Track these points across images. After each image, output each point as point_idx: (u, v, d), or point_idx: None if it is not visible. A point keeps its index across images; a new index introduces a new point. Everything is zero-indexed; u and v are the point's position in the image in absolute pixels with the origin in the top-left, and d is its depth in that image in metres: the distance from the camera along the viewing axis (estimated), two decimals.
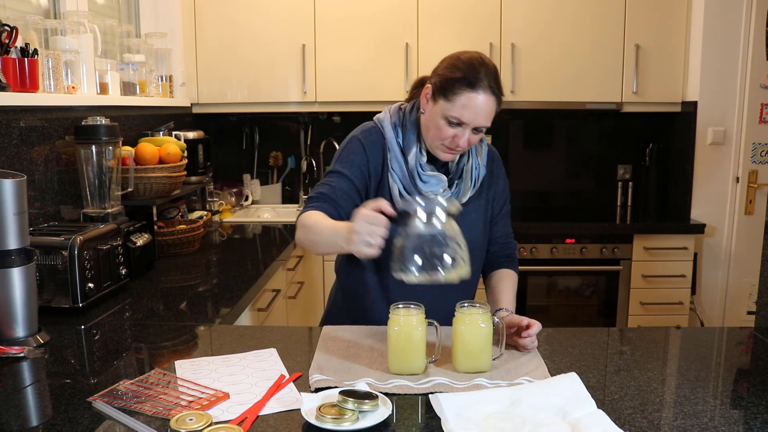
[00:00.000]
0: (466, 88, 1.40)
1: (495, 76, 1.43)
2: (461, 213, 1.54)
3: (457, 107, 1.41)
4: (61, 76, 2.07)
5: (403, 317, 1.24)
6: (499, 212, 1.66)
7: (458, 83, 1.41)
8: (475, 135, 1.46)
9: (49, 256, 1.69)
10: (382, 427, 1.03)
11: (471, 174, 1.55)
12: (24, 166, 1.91)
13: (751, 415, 1.09)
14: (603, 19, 3.29)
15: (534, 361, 1.30)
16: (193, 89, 3.37)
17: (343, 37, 3.31)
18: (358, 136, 1.57)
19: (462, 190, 1.55)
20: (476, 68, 1.41)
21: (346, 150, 1.56)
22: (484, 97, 1.40)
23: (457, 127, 1.43)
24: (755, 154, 3.22)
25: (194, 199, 3.12)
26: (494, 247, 1.67)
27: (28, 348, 1.39)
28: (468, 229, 1.55)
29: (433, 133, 1.47)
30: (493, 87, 1.42)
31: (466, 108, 1.41)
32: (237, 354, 1.36)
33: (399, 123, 1.55)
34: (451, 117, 1.42)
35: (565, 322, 3.30)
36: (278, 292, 2.47)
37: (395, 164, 1.52)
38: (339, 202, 1.49)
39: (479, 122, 1.43)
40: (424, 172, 1.51)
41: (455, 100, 1.41)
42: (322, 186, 1.52)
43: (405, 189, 1.52)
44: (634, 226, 3.26)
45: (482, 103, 1.41)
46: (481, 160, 1.58)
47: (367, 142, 1.54)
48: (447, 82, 1.43)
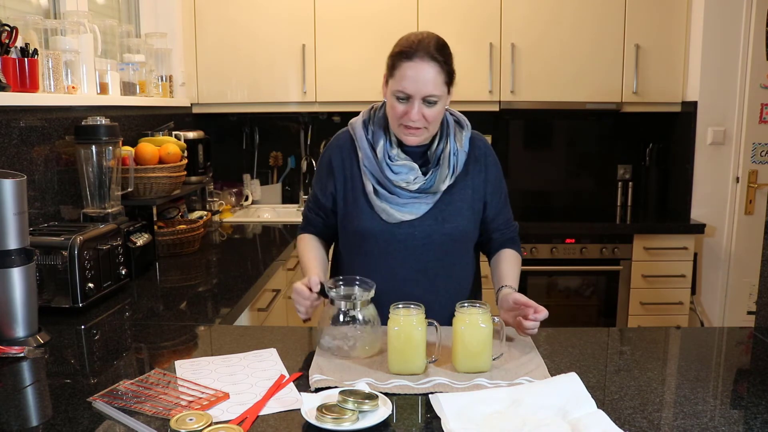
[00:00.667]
0: (404, 60, 1.44)
1: (436, 45, 1.45)
2: (445, 202, 1.57)
3: (399, 81, 1.45)
4: (61, 76, 2.07)
5: (403, 317, 1.24)
6: (493, 199, 1.63)
7: (397, 57, 1.46)
8: (430, 109, 1.46)
9: (49, 256, 1.69)
10: (382, 427, 1.03)
11: (449, 160, 1.54)
12: (24, 166, 1.91)
13: (751, 415, 1.09)
14: (603, 19, 3.29)
15: (534, 361, 1.30)
16: (193, 89, 3.37)
17: (343, 37, 3.31)
18: (328, 145, 1.66)
19: (438, 177, 1.54)
20: (413, 41, 1.45)
21: (319, 162, 1.68)
22: (423, 65, 1.42)
23: (405, 101, 1.45)
24: (755, 154, 3.22)
25: (194, 199, 3.12)
26: (496, 234, 1.67)
27: (28, 348, 1.39)
28: (453, 217, 1.57)
29: (390, 114, 1.51)
30: (433, 54, 1.43)
31: (405, 78, 1.43)
32: (237, 354, 1.36)
33: (369, 120, 1.58)
34: (396, 92, 1.45)
35: (565, 322, 3.30)
36: (278, 292, 2.47)
37: (366, 161, 1.55)
38: (316, 225, 1.69)
39: (423, 90, 1.43)
40: (392, 162, 1.53)
41: (396, 74, 1.45)
42: (306, 205, 1.72)
43: (379, 183, 1.54)
44: (634, 226, 3.26)
45: (421, 71, 1.42)
46: (460, 146, 1.57)
47: (333, 153, 1.62)
48: (390, 60, 1.49)
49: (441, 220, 1.56)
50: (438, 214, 1.56)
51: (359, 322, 1.34)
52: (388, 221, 1.54)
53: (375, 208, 1.54)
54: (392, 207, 1.53)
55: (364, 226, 1.56)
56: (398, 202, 1.53)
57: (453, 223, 1.57)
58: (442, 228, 1.56)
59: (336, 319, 1.34)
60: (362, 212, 1.56)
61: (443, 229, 1.56)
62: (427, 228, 1.55)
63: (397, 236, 1.55)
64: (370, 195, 1.54)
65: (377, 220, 1.54)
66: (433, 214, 1.55)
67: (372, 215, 1.55)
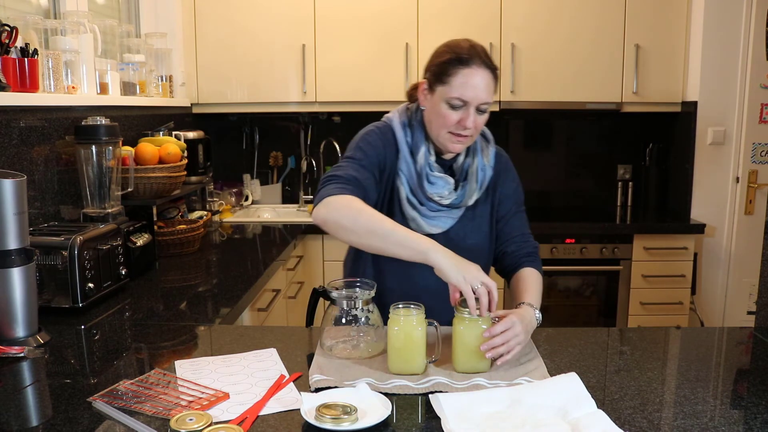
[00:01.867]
0: (459, 66, 1.40)
1: (484, 51, 1.43)
2: (468, 217, 1.55)
3: (456, 87, 1.40)
4: (61, 76, 2.07)
5: (403, 317, 1.24)
6: (508, 211, 1.61)
7: (451, 64, 1.41)
8: (481, 116, 1.44)
9: (49, 256, 1.69)
10: (382, 427, 1.03)
11: (477, 175, 1.53)
12: (24, 166, 1.91)
13: (751, 415, 1.09)
14: (603, 19, 3.29)
15: (534, 361, 1.30)
16: (193, 89, 3.37)
17: (343, 37, 3.31)
18: (376, 130, 1.54)
19: (467, 192, 1.53)
20: (463, 46, 1.42)
21: (366, 140, 1.51)
22: (480, 71, 1.40)
23: (461, 109, 1.42)
24: (755, 154, 3.22)
25: (194, 199, 3.12)
26: (512, 246, 1.60)
27: (28, 348, 1.39)
28: (474, 233, 1.56)
29: (438, 122, 1.45)
30: (486, 61, 1.41)
31: (464, 85, 1.40)
32: (237, 354, 1.36)
33: (408, 122, 1.54)
34: (452, 99, 1.41)
35: (565, 322, 3.30)
36: (278, 292, 2.47)
37: (404, 165, 1.50)
38: (368, 191, 1.43)
39: (481, 98, 1.41)
40: (432, 173, 1.50)
41: (452, 81, 1.40)
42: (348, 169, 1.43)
43: (411, 191, 1.50)
44: (634, 226, 3.26)
45: (479, 77, 1.40)
46: (487, 161, 1.56)
47: (384, 139, 1.52)
48: (440, 67, 1.43)
49: (463, 235, 1.55)
50: (461, 230, 1.55)
51: (360, 322, 1.34)
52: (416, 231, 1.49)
53: (406, 216, 1.51)
54: (422, 218, 1.50)
55: None
56: (427, 215, 1.51)
57: (474, 239, 1.56)
58: (464, 243, 1.54)
59: (337, 320, 1.34)
60: (395, 218, 1.48)
61: (465, 244, 1.53)
62: (450, 243, 1.49)
63: None
64: (402, 202, 1.51)
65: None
66: (456, 230, 1.54)
67: (402, 223, 1.48)
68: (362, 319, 1.34)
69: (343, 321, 1.34)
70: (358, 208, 1.34)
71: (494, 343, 1.22)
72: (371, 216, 1.32)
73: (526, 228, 1.64)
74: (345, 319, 1.34)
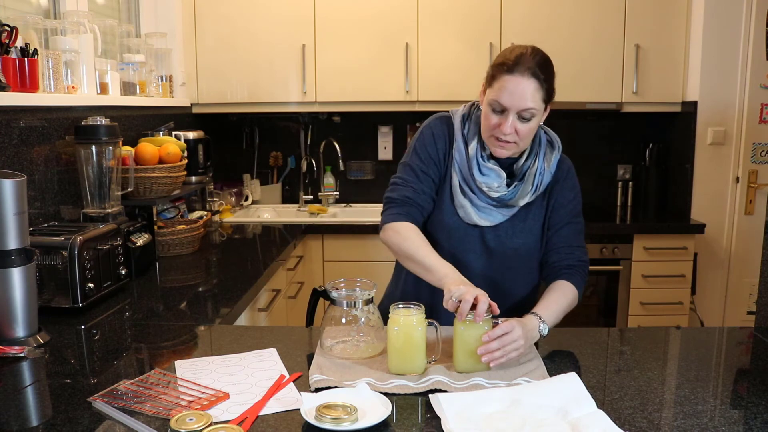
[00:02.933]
0: (504, 73, 1.42)
1: (539, 62, 1.42)
2: (520, 217, 1.56)
3: (496, 91, 1.43)
4: (61, 76, 2.07)
5: (403, 317, 1.24)
6: (560, 221, 1.58)
7: (498, 69, 1.44)
8: (523, 124, 1.44)
9: (49, 256, 1.69)
10: (382, 427, 1.03)
11: (533, 178, 1.53)
12: (24, 166, 1.91)
13: (751, 415, 1.09)
14: (603, 19, 3.29)
15: (534, 361, 1.30)
16: (193, 89, 3.37)
17: (343, 37, 3.31)
18: (429, 125, 1.61)
19: (520, 192, 1.53)
20: (517, 54, 1.43)
21: (420, 141, 1.59)
22: (521, 80, 1.40)
23: (500, 113, 1.44)
24: (755, 154, 3.22)
25: (194, 199, 3.12)
26: (554, 257, 1.57)
27: (28, 348, 1.39)
28: (524, 234, 1.57)
29: (484, 124, 1.50)
30: (534, 69, 1.41)
31: (503, 90, 1.42)
32: (237, 354, 1.36)
33: (467, 116, 1.58)
34: (493, 102, 1.44)
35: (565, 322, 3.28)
36: (278, 292, 2.47)
37: (457, 153, 1.55)
38: (423, 205, 1.56)
39: (519, 105, 1.41)
40: (484, 163, 1.52)
41: (495, 85, 1.44)
42: (404, 188, 1.56)
43: (464, 179, 1.53)
44: (634, 226, 3.26)
45: (519, 84, 1.40)
46: (547, 166, 1.55)
47: (435, 131, 1.58)
48: (491, 70, 1.47)
49: (512, 234, 1.56)
50: (510, 228, 1.56)
51: (360, 322, 1.34)
52: (464, 219, 1.54)
53: (455, 203, 1.55)
54: (471, 207, 1.53)
55: (442, 218, 1.56)
56: (478, 204, 1.53)
57: (522, 239, 1.57)
58: (511, 242, 1.56)
59: (337, 320, 1.34)
60: (444, 203, 1.56)
61: (512, 243, 1.56)
62: (497, 238, 1.55)
63: (468, 236, 1.55)
64: (454, 188, 1.55)
65: (455, 216, 1.55)
66: (505, 227, 1.55)
67: (451, 210, 1.55)
68: (362, 319, 1.34)
69: (343, 321, 1.34)
70: (404, 236, 1.50)
71: (491, 347, 1.23)
72: (412, 243, 1.48)
73: (576, 240, 1.60)
74: (345, 319, 1.34)
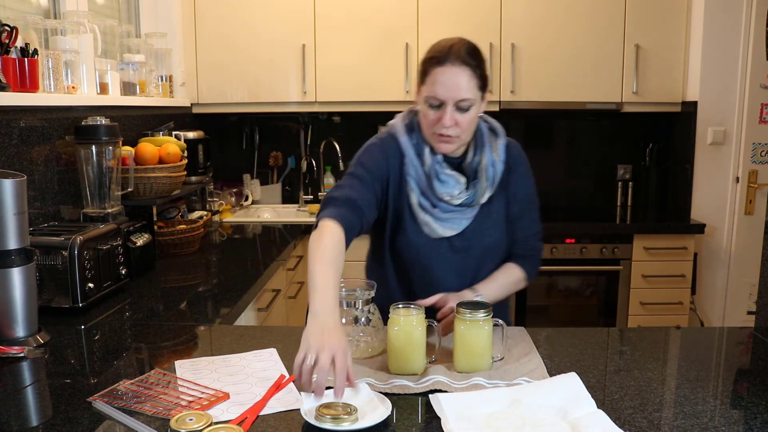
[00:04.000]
0: (435, 65, 1.40)
1: (468, 49, 1.41)
2: (484, 214, 1.54)
3: (430, 86, 1.41)
4: (61, 76, 2.07)
5: (403, 317, 1.24)
6: (518, 211, 1.58)
7: (429, 63, 1.42)
8: (462, 114, 1.41)
9: (49, 256, 1.69)
10: (382, 427, 1.03)
11: (487, 172, 1.51)
12: (24, 166, 1.91)
13: (751, 415, 1.09)
14: (603, 19, 3.29)
15: (534, 361, 1.30)
16: (193, 89, 3.37)
17: (343, 36, 3.31)
18: (377, 142, 1.54)
19: (479, 190, 1.51)
20: (444, 46, 1.42)
21: (366, 154, 1.53)
22: (453, 69, 1.39)
23: (438, 108, 1.42)
24: (755, 154, 3.22)
25: (194, 199, 3.12)
26: (512, 249, 1.60)
27: (28, 348, 1.39)
28: (492, 230, 1.55)
29: (423, 123, 1.47)
30: (464, 57, 1.39)
31: (436, 83, 1.40)
32: (237, 354, 1.36)
33: (410, 126, 1.53)
34: (429, 98, 1.42)
35: (565, 322, 3.30)
36: (278, 292, 2.47)
37: (411, 169, 1.50)
38: (364, 210, 1.45)
39: (455, 95, 1.39)
40: (443, 170, 1.49)
41: (428, 80, 1.42)
42: (346, 189, 1.46)
43: (422, 194, 1.49)
44: (634, 226, 3.26)
45: (452, 75, 1.39)
46: (497, 156, 1.53)
47: (386, 149, 1.52)
48: (422, 66, 1.45)
49: (480, 234, 1.53)
50: (477, 229, 1.53)
51: (361, 322, 1.34)
52: (430, 236, 1.50)
53: (418, 221, 1.50)
54: (435, 221, 1.50)
55: (409, 239, 1.51)
56: (440, 216, 1.50)
57: (492, 236, 1.55)
58: (481, 241, 1.54)
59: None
60: (407, 224, 1.51)
61: (482, 242, 1.54)
62: (467, 242, 1.53)
63: (438, 249, 1.52)
64: (414, 207, 1.50)
65: (421, 234, 1.51)
66: (473, 229, 1.53)
67: (416, 228, 1.51)
68: (362, 319, 1.34)
69: (343, 321, 1.34)
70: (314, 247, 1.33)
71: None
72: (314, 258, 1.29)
73: (531, 229, 1.61)
74: (345, 319, 1.34)
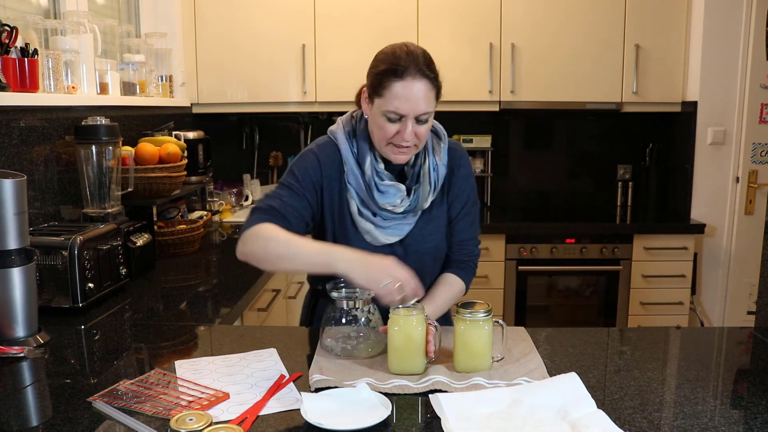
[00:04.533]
0: (394, 79, 1.34)
1: (423, 58, 1.37)
2: (425, 219, 1.51)
3: (391, 100, 1.35)
4: (61, 76, 2.07)
5: (403, 317, 1.24)
6: (457, 213, 1.55)
7: (386, 76, 1.36)
8: (421, 126, 1.38)
9: (49, 256, 1.69)
10: (382, 427, 1.03)
11: (429, 176, 1.47)
12: (24, 166, 1.91)
13: (751, 415, 1.09)
14: (603, 19, 3.29)
15: (534, 361, 1.30)
16: (193, 89, 3.37)
17: (343, 36, 3.31)
18: (314, 149, 1.49)
19: (421, 196, 1.47)
20: (399, 56, 1.36)
21: (300, 163, 1.48)
22: (415, 84, 1.34)
23: (398, 121, 1.37)
24: (755, 154, 3.22)
25: (194, 199, 3.12)
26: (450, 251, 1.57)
27: (28, 348, 1.39)
28: (432, 235, 1.52)
29: (378, 134, 1.41)
30: (423, 70, 1.35)
31: (398, 98, 1.35)
32: (237, 354, 1.36)
33: (352, 133, 1.49)
34: (388, 112, 1.36)
35: (565, 322, 3.30)
36: (278, 292, 2.47)
37: (351, 178, 1.46)
38: (290, 219, 1.41)
39: (418, 109, 1.35)
40: (381, 181, 1.45)
41: (387, 93, 1.36)
42: (272, 199, 1.43)
43: (363, 202, 1.46)
44: (634, 226, 3.26)
45: (415, 90, 1.34)
46: (439, 159, 1.49)
47: (322, 157, 1.47)
48: (376, 78, 1.38)
49: (421, 240, 1.51)
50: (419, 235, 1.50)
51: (361, 322, 1.34)
52: (372, 243, 1.47)
53: (359, 229, 1.47)
54: (376, 229, 1.46)
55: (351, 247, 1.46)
56: (382, 224, 1.47)
57: (432, 242, 1.52)
58: (423, 247, 1.51)
59: (338, 320, 1.34)
60: (348, 233, 1.48)
61: (424, 248, 1.51)
62: (409, 248, 1.50)
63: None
64: (354, 215, 1.46)
65: (363, 242, 1.47)
66: (414, 235, 1.50)
67: (357, 237, 1.47)
68: (362, 319, 1.34)
69: (343, 321, 1.34)
70: (266, 236, 1.33)
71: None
72: (278, 241, 1.31)
73: (469, 233, 1.58)
74: (345, 319, 1.34)
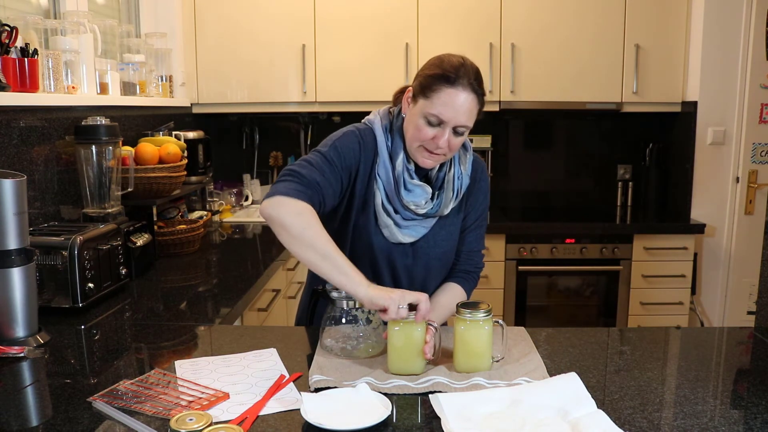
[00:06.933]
0: (445, 85, 1.35)
1: (476, 75, 1.39)
2: (440, 225, 1.53)
3: (436, 104, 1.36)
4: (61, 76, 2.07)
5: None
6: (469, 225, 1.59)
7: (437, 80, 1.36)
8: (456, 138, 1.39)
9: (49, 256, 1.69)
10: (382, 427, 1.03)
11: (453, 184, 1.49)
12: (24, 166, 1.91)
13: (751, 415, 1.09)
14: (603, 19, 3.29)
15: (533, 361, 1.30)
16: (193, 89, 3.37)
17: (343, 37, 3.31)
18: (356, 132, 1.49)
19: (443, 202, 1.49)
20: (456, 66, 1.37)
21: (344, 141, 1.47)
22: (464, 94, 1.35)
23: (437, 126, 1.38)
24: (755, 154, 3.22)
25: (194, 199, 3.12)
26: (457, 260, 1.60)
27: (28, 348, 1.39)
28: (444, 242, 1.54)
29: (413, 134, 1.42)
30: (474, 85, 1.37)
31: (445, 105, 1.35)
32: (237, 354, 1.36)
33: (389, 127, 1.50)
34: (430, 115, 1.37)
35: (565, 322, 3.30)
36: (278, 292, 2.47)
37: (382, 170, 1.47)
38: (326, 200, 1.40)
39: (459, 120, 1.37)
40: (411, 180, 1.46)
41: (434, 97, 1.36)
42: (314, 170, 1.39)
43: (387, 198, 1.47)
44: (634, 226, 3.26)
45: (462, 100, 1.35)
46: (464, 170, 1.52)
47: (363, 142, 1.48)
48: (427, 80, 1.39)
49: (434, 244, 1.53)
50: (432, 238, 1.52)
51: (361, 322, 1.34)
52: (389, 239, 1.49)
53: (379, 223, 1.48)
54: (395, 227, 1.48)
55: (368, 240, 1.50)
56: (401, 223, 1.48)
57: (443, 247, 1.54)
58: (434, 251, 1.53)
59: (338, 320, 1.34)
60: (369, 224, 1.48)
61: (435, 252, 1.53)
62: (421, 249, 1.52)
63: (393, 254, 1.51)
64: (377, 207, 1.47)
65: (379, 236, 1.49)
66: (428, 237, 1.52)
67: (376, 230, 1.49)
68: (362, 319, 1.34)
69: (343, 321, 1.34)
70: (308, 221, 1.33)
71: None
72: (318, 233, 1.32)
73: (477, 245, 1.61)
74: (345, 319, 1.34)
